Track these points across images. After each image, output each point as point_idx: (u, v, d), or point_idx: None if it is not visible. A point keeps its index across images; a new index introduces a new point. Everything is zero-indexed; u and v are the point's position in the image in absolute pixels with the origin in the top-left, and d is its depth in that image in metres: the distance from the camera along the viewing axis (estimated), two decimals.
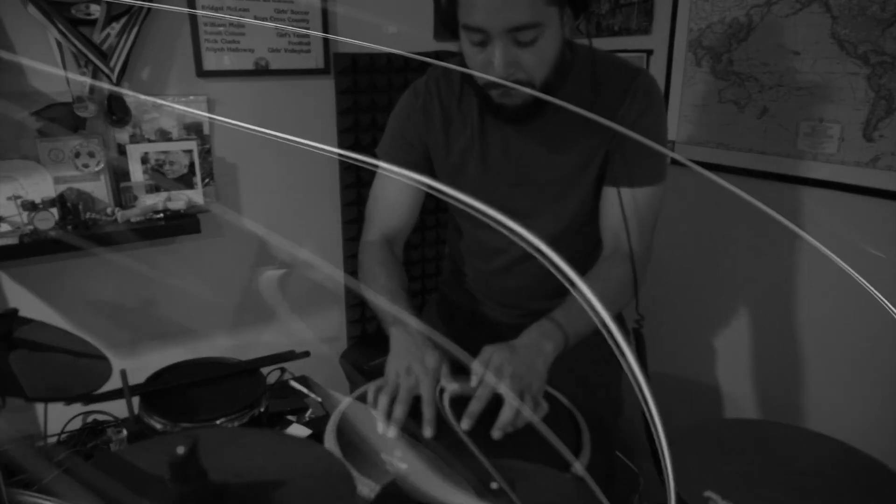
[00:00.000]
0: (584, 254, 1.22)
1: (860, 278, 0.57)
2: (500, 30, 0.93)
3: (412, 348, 0.97)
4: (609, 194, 1.11)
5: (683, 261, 1.84)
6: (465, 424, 0.86)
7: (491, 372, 0.89)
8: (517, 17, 0.92)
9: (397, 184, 1.18)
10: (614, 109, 1.06)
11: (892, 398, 1.40)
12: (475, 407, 0.87)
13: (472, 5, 0.94)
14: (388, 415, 0.89)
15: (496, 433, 0.85)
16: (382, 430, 0.88)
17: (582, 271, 1.21)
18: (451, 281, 1.39)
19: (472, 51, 0.99)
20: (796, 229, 1.39)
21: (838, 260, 0.56)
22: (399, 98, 1.21)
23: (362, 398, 1.03)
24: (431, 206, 2.13)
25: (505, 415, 0.86)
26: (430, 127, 1.16)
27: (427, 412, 0.88)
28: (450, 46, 1.56)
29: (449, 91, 1.15)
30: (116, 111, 1.61)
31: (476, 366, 0.92)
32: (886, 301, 0.57)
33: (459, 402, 0.91)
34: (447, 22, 1.00)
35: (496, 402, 0.89)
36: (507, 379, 0.88)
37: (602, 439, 0.93)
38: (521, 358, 0.92)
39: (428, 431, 0.86)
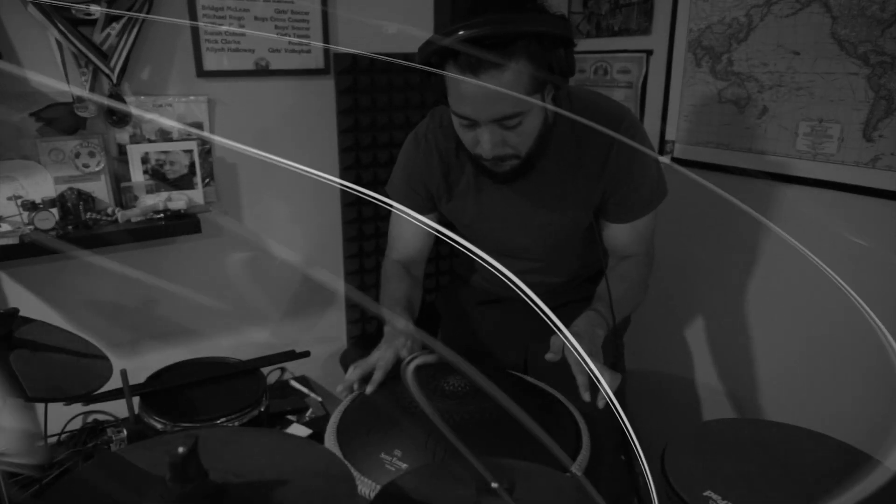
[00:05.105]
0: (579, 255, 1.32)
1: (846, 285, 0.57)
2: (486, 120, 1.00)
3: (391, 340, 1.10)
4: (614, 226, 1.23)
5: (684, 261, 1.84)
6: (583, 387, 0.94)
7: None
8: (503, 110, 0.98)
9: (410, 220, 1.30)
10: (602, 161, 1.15)
11: (893, 398, 1.40)
12: (582, 380, 0.94)
13: (460, 98, 1.00)
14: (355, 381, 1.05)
15: (601, 402, 0.91)
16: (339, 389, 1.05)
17: (582, 268, 1.38)
18: (464, 267, 1.51)
19: (461, 129, 1.06)
20: (788, 236, 1.41)
21: (827, 268, 0.56)
22: (403, 108, 1.30)
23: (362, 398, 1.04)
24: None
25: (606, 376, 0.92)
26: (432, 174, 1.25)
27: (376, 375, 1.04)
28: None
29: (446, 142, 1.22)
30: (116, 111, 1.61)
31: (554, 342, 0.99)
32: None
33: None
34: (439, 96, 1.06)
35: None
36: (584, 352, 0.96)
37: (601, 439, 0.93)
38: (586, 339, 1.01)
39: (368, 388, 1.03)
